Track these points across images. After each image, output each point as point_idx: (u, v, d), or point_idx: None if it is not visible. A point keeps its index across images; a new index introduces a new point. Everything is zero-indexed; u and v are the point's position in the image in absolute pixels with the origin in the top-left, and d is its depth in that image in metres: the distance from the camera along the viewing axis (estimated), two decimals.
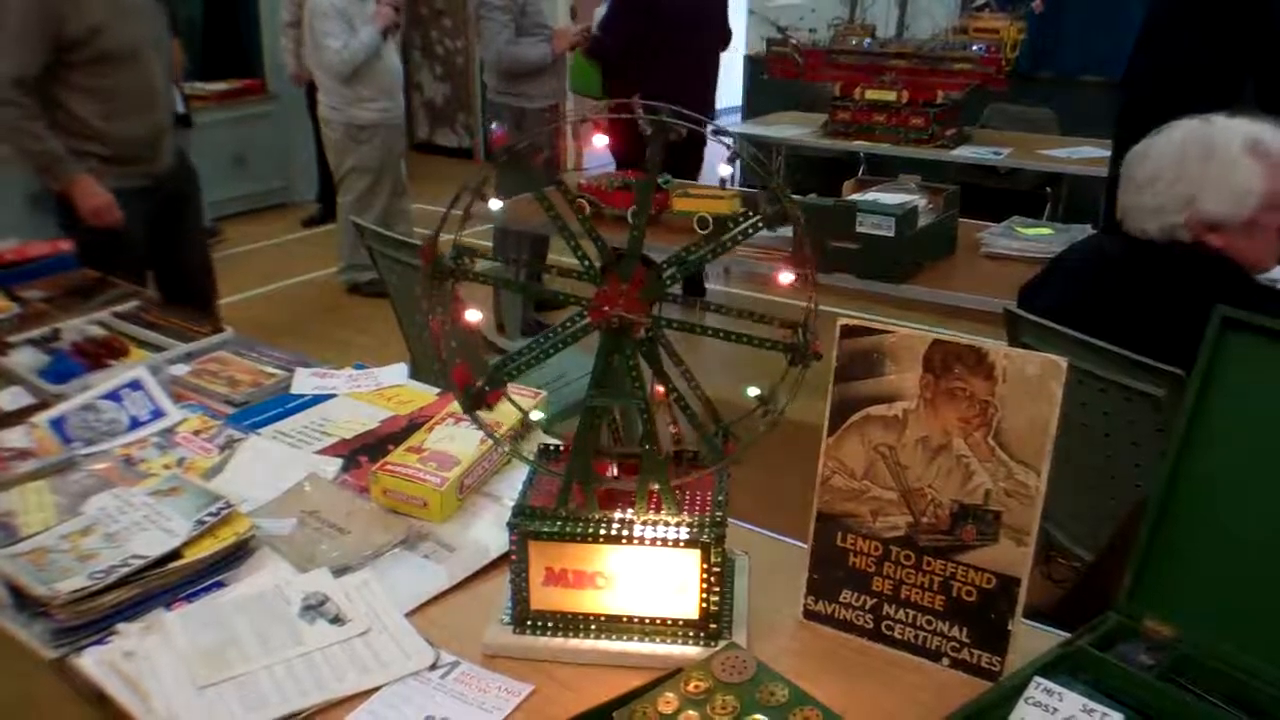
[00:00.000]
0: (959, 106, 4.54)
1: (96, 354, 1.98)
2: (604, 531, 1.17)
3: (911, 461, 1.16)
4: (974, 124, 4.90)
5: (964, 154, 4.48)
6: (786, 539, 1.40)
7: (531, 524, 1.18)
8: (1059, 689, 0.98)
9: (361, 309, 5.03)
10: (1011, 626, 1.13)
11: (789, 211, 1.07)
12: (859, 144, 4.65)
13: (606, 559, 1.18)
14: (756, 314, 1.15)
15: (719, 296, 5.01)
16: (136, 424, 1.73)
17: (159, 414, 1.76)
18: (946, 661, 1.17)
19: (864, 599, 1.21)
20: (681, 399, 1.24)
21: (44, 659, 1.21)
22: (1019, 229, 3.06)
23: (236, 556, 1.36)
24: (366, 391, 1.86)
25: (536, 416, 1.46)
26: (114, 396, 1.78)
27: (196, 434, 1.70)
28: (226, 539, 1.36)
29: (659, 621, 1.20)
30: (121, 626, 1.24)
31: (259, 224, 6.49)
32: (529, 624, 1.21)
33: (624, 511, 1.18)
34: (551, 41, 4.66)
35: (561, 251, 1.33)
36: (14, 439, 1.67)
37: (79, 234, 2.79)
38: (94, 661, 1.20)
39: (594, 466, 1.20)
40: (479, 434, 1.40)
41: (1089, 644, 1.07)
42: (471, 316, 1.18)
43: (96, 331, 2.10)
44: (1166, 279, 1.74)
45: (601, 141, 1.50)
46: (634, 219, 1.13)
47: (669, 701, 1.05)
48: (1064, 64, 6.25)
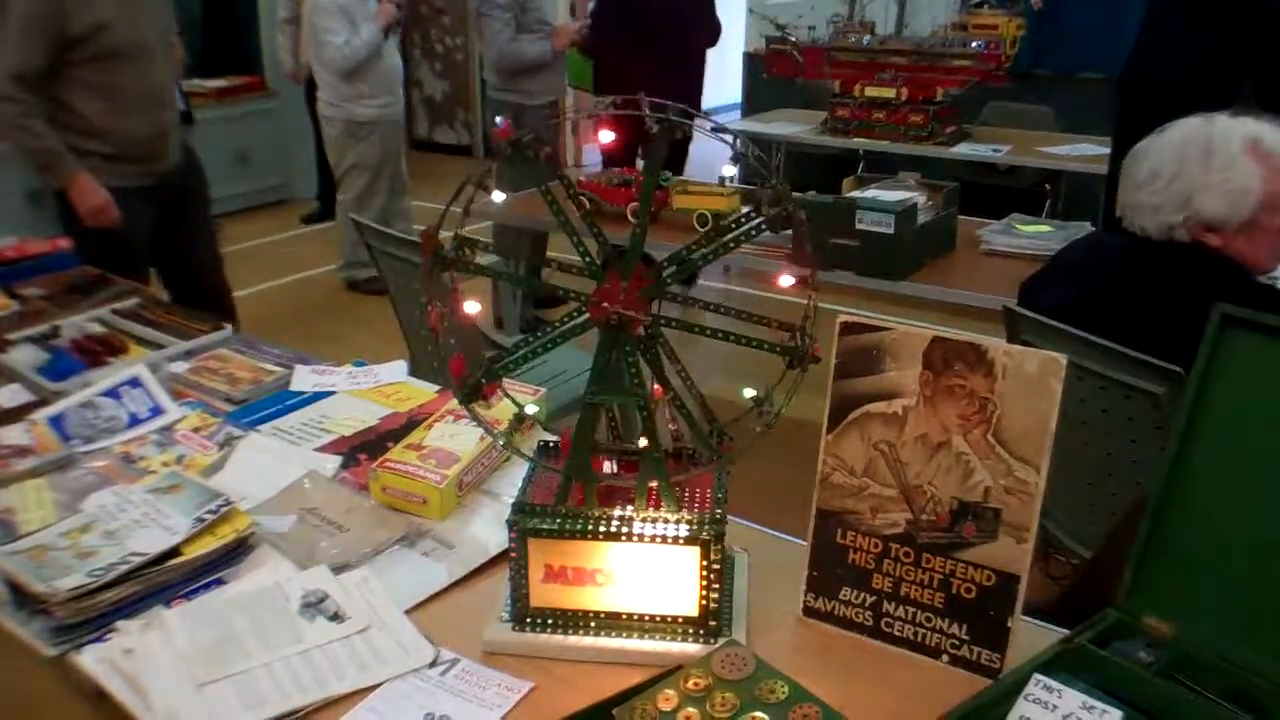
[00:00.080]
0: (958, 103, 4.54)
1: (96, 351, 1.98)
2: (603, 528, 1.17)
3: (911, 458, 1.16)
4: (973, 121, 4.90)
5: (963, 151, 4.48)
6: (786, 536, 1.40)
7: (531, 521, 1.18)
8: (1058, 686, 0.98)
9: (361, 306, 5.03)
10: (1011, 624, 1.13)
11: (792, 216, 1.06)
12: (858, 141, 4.65)
13: (606, 556, 1.18)
14: (756, 315, 1.15)
15: (718, 294, 5.01)
16: (136, 421, 1.73)
17: (158, 411, 1.76)
18: (946, 659, 1.17)
19: (863, 596, 1.21)
20: (678, 398, 1.24)
21: (43, 656, 1.21)
22: (1018, 226, 3.06)
23: (236, 554, 1.36)
24: (366, 389, 1.86)
25: (532, 410, 1.46)
26: (113, 394, 1.79)
27: (196, 431, 1.70)
28: (226, 536, 1.36)
29: (658, 619, 1.19)
30: (121, 624, 1.24)
31: (258, 221, 6.48)
32: (528, 621, 1.21)
33: (623, 508, 1.17)
34: (551, 38, 4.67)
35: (561, 248, 1.33)
36: (13, 436, 1.67)
37: (79, 232, 2.79)
38: (93, 659, 1.19)
39: (593, 463, 1.20)
40: (478, 431, 1.40)
41: (1088, 641, 1.07)
42: (470, 308, 1.18)
43: (96, 329, 2.10)
44: (1166, 277, 1.74)
45: (607, 138, 1.49)
46: (636, 216, 1.12)
47: (669, 698, 1.05)
48: (1063, 61, 6.26)
